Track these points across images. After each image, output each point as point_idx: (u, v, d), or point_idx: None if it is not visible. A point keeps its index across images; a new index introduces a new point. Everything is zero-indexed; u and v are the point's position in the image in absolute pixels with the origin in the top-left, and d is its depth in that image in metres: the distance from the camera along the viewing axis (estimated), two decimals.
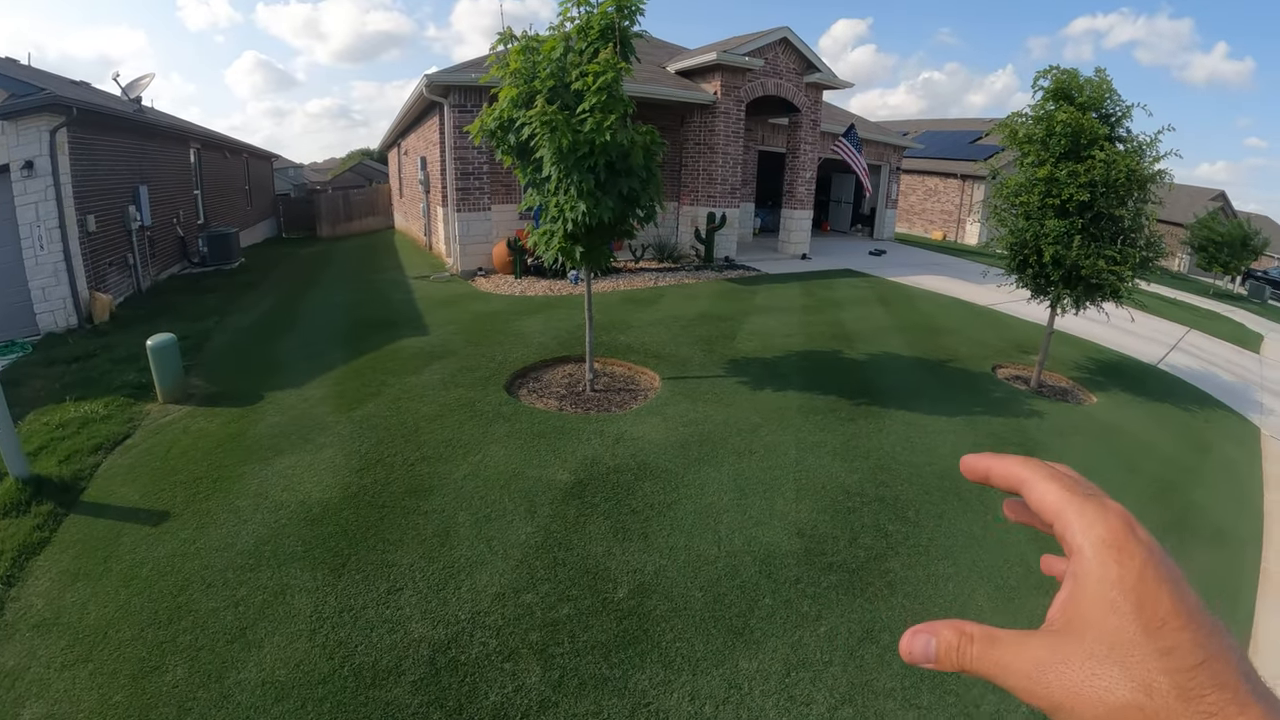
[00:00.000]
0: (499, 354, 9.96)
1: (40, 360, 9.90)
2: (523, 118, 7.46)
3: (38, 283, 11.62)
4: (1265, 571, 7.14)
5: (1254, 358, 19.21)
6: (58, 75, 18.81)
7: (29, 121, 11.30)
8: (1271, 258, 53.62)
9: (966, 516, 6.69)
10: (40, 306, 11.67)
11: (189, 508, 5.87)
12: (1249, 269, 42.18)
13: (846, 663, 4.57)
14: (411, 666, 4.19)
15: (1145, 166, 10.03)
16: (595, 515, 5.92)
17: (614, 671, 4.26)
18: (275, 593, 4.80)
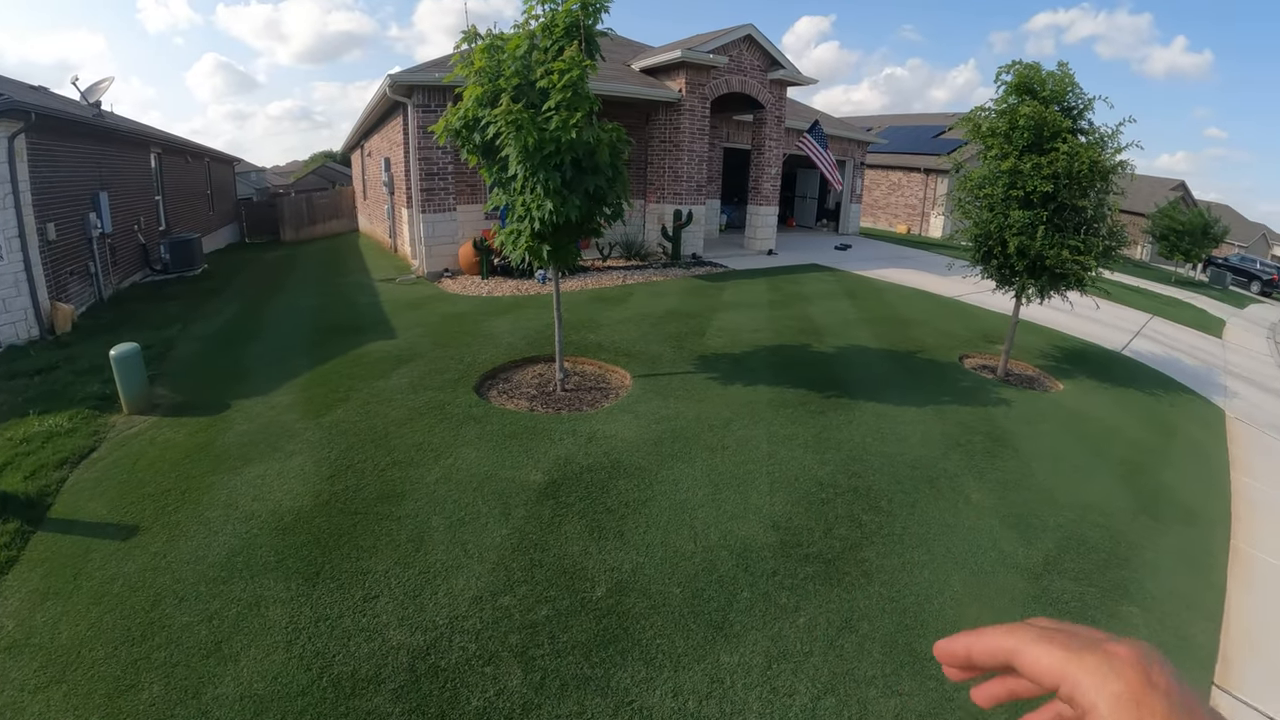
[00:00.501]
0: (468, 356, 9.90)
1: (1, 374, 9.73)
2: (488, 116, 7.43)
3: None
4: (1235, 549, 7.35)
5: (1216, 342, 19.61)
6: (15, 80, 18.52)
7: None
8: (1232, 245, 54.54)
9: (939, 504, 6.82)
10: (1, 319, 11.45)
11: (158, 520, 5.77)
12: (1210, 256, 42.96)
13: (827, 652, 4.62)
14: (391, 674, 4.15)
15: (1107, 158, 10.22)
16: (570, 515, 5.91)
17: (595, 671, 4.25)
18: (249, 605, 4.74)
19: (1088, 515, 7.16)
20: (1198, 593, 6.30)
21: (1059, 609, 5.55)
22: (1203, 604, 6.14)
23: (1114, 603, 5.80)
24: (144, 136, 20.37)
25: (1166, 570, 6.48)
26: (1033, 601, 5.57)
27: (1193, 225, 35.85)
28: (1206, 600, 6.21)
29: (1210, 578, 6.59)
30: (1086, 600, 5.75)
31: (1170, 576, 6.40)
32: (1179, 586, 6.29)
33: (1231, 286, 41.84)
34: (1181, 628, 5.72)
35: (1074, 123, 10.63)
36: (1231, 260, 46.64)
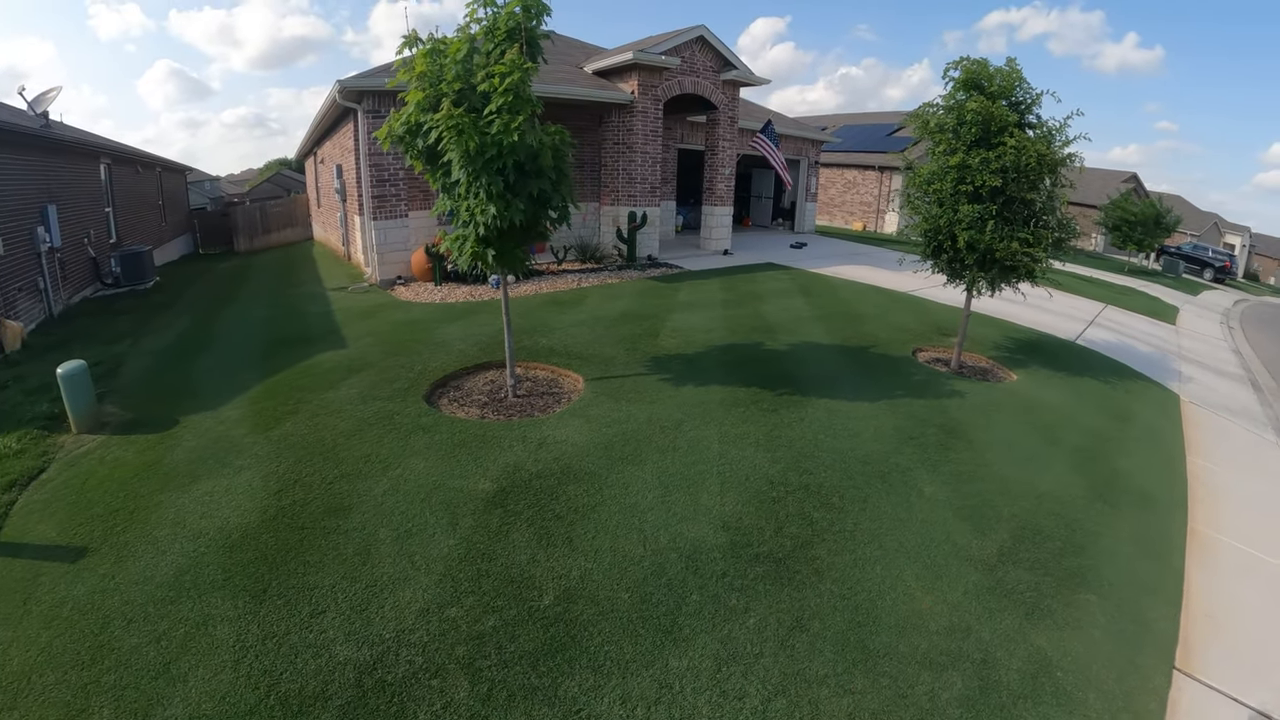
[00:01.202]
0: (418, 364, 9.84)
1: None
2: (430, 121, 7.41)
3: None
4: (1193, 532, 7.50)
5: (1170, 329, 20.03)
6: None
7: None
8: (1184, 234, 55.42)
9: (890, 499, 6.86)
10: None
11: (107, 541, 5.69)
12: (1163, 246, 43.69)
13: (778, 653, 4.64)
14: (338, 690, 4.13)
15: (1056, 151, 10.38)
16: (518, 523, 5.89)
17: (543, 680, 4.25)
18: (197, 624, 4.69)
19: (1043, 504, 7.23)
20: (1156, 577, 6.37)
21: (1014, 600, 5.58)
22: (1162, 588, 6.21)
23: (1070, 591, 5.85)
24: (93, 147, 20.07)
25: (1124, 556, 6.57)
26: (987, 594, 5.60)
27: (1145, 215, 36.39)
28: (1166, 584, 6.29)
29: (1169, 562, 6.68)
30: (1042, 590, 5.79)
31: (1128, 562, 6.49)
32: (1137, 572, 6.38)
33: (1185, 274, 42.96)
34: (1141, 613, 5.77)
35: (1021, 117, 10.78)
36: (1184, 249, 47.59)
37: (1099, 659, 5.14)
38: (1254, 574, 7.04)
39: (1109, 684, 4.90)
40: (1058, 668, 4.95)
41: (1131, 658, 5.22)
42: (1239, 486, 9.19)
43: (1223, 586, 6.61)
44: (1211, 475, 9.25)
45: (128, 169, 23.62)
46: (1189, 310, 25.90)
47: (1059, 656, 5.07)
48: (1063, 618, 5.51)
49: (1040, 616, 5.48)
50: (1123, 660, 5.17)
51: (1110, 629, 5.50)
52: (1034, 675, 4.84)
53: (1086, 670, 5.00)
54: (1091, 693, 4.77)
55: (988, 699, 4.52)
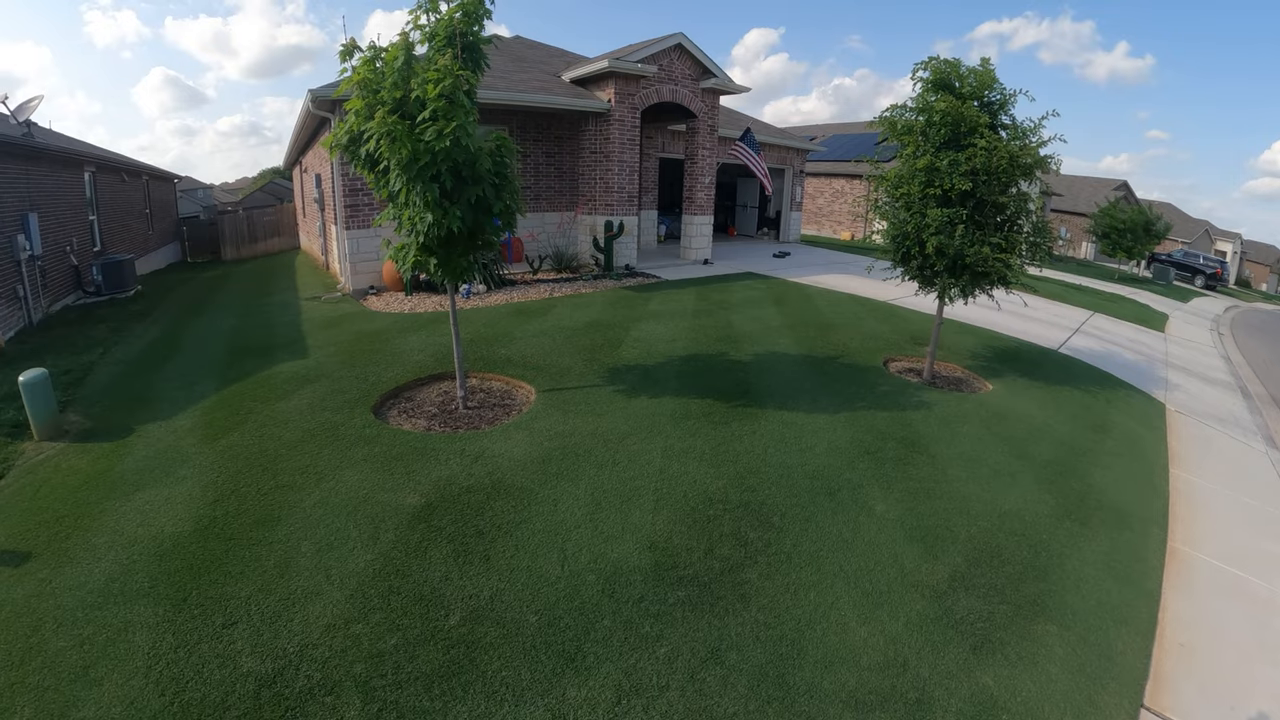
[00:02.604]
0: (373, 374, 9.84)
1: None
2: (368, 129, 7.43)
3: None
4: (1173, 551, 7.29)
5: (1159, 336, 20.00)
6: None
7: None
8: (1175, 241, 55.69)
9: (837, 518, 6.69)
10: None
11: (50, 547, 5.73)
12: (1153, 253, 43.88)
13: (685, 686, 4.50)
14: (237, 701, 4.12)
15: (1028, 152, 10.21)
16: (439, 539, 5.85)
17: (434, 704, 4.20)
18: (119, 630, 4.73)
19: (1004, 524, 7.02)
20: (1128, 603, 6.14)
21: (961, 632, 5.32)
22: (1133, 616, 5.98)
23: (1027, 621, 5.59)
24: (78, 155, 20.12)
25: (1092, 581, 6.33)
26: (932, 624, 5.36)
27: (1134, 223, 36.74)
28: (1138, 611, 6.07)
29: (1143, 585, 6.48)
30: (994, 620, 5.53)
31: (1096, 587, 6.25)
32: (1106, 598, 6.14)
33: (1175, 281, 43.09)
34: (1107, 645, 5.53)
35: (994, 118, 10.68)
36: (1175, 256, 48.06)
37: (1053, 699, 4.86)
38: (1236, 597, 6.82)
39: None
40: (1004, 710, 4.67)
41: (1091, 696, 4.96)
42: (1223, 500, 9.04)
43: (1201, 612, 6.40)
44: (1194, 488, 9.08)
45: (113, 177, 23.68)
46: (1179, 317, 25.87)
47: (1006, 697, 4.78)
48: (1015, 652, 5.24)
49: (990, 651, 5.20)
50: (1081, 699, 4.90)
51: (1070, 664, 5.22)
52: (974, 719, 4.59)
53: (1037, 713, 4.71)
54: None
55: None
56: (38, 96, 17.51)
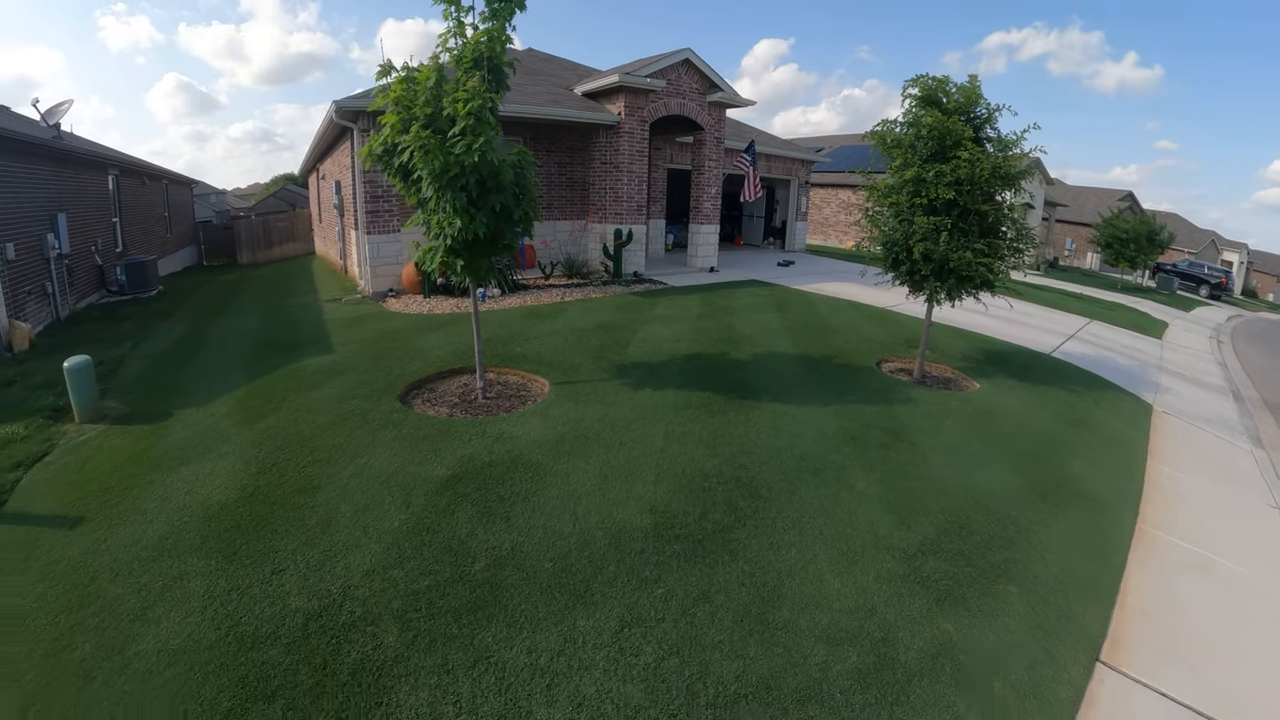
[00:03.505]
0: (396, 368, 10.44)
1: None
2: (403, 142, 8.09)
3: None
4: (1141, 533, 7.65)
5: (1155, 342, 20.23)
6: None
7: None
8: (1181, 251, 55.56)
9: (819, 492, 7.28)
10: None
11: (100, 512, 6.31)
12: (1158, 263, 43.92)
13: (679, 620, 5.14)
14: (286, 632, 4.74)
15: (1011, 163, 10.81)
16: (464, 503, 6.49)
17: (463, 631, 4.84)
18: (174, 578, 5.32)
19: (976, 501, 7.49)
20: (1090, 574, 6.55)
21: (927, 587, 5.84)
22: (1094, 584, 6.40)
23: (990, 581, 6.06)
24: (102, 158, 20.77)
25: (1057, 553, 6.74)
26: (900, 580, 5.90)
27: (1137, 232, 36.76)
28: (1100, 581, 6.49)
29: (1109, 560, 6.88)
30: (959, 579, 6.02)
31: (1061, 559, 6.66)
32: (1069, 568, 6.55)
33: (1179, 291, 43.10)
34: (1066, 606, 5.93)
35: (977, 132, 11.24)
36: (1180, 266, 47.85)
37: (1010, 648, 5.31)
38: (1203, 575, 7.10)
39: (1018, 672, 5.08)
40: (962, 652, 5.15)
41: (1048, 648, 5.37)
42: (1201, 491, 9.34)
43: (1165, 585, 6.72)
44: (1173, 480, 9.37)
45: (135, 180, 24.35)
46: (1178, 325, 26.03)
47: (965, 642, 5.26)
48: (977, 606, 5.72)
49: (952, 604, 5.69)
50: (1037, 650, 5.33)
51: (1028, 620, 5.67)
52: (935, 657, 5.06)
53: (994, 657, 5.17)
54: (996, 679, 4.97)
55: (881, 674, 4.85)
56: (67, 101, 18.21)
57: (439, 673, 4.46)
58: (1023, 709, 4.74)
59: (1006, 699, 4.80)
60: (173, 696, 4.21)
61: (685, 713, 4.28)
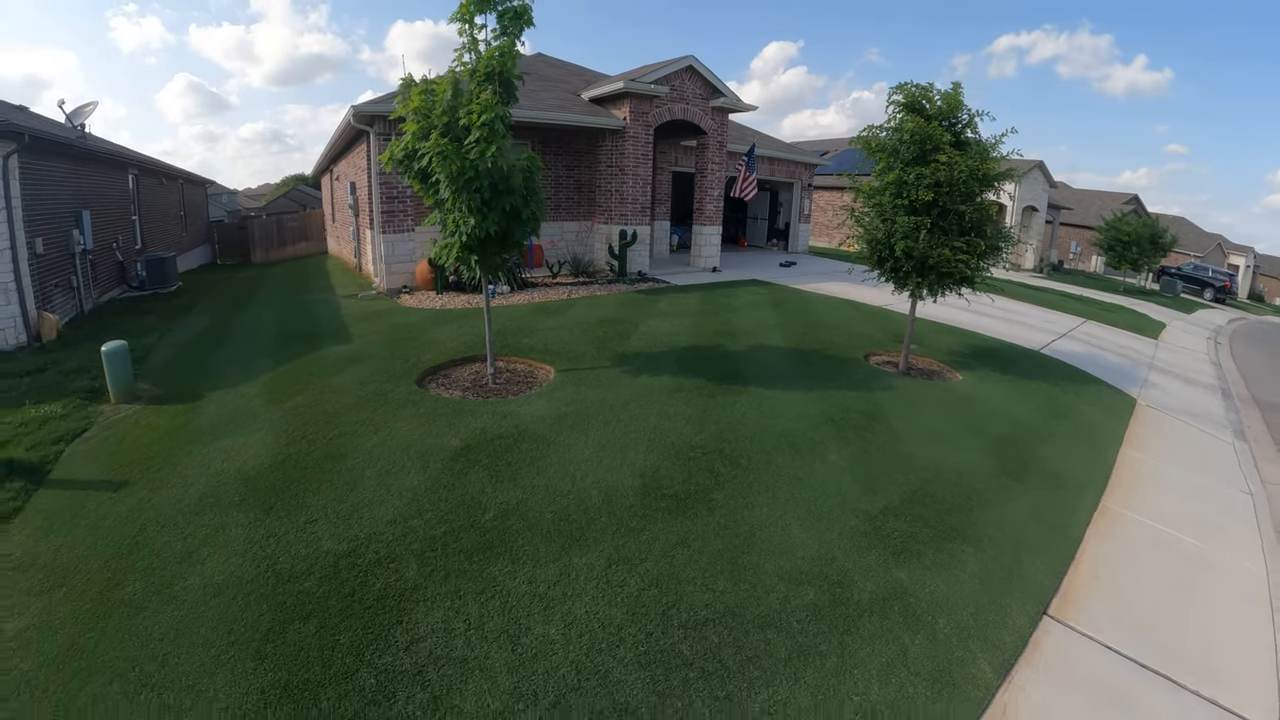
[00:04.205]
0: (413, 356, 11.18)
1: None
2: (422, 148, 8.85)
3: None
4: (1104, 509, 8.09)
5: (1150, 342, 20.54)
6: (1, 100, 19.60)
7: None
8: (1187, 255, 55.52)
9: (795, 463, 7.96)
10: None
11: (144, 478, 7.05)
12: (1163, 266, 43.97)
13: (659, 560, 5.88)
14: (319, 568, 5.49)
15: (990, 165, 11.46)
16: (476, 467, 7.24)
17: (473, 566, 5.58)
18: (216, 528, 6.06)
19: (942, 476, 8.05)
20: (1046, 541, 7.04)
21: (885, 542, 6.48)
22: (1048, 550, 6.89)
23: (946, 541, 6.64)
24: (123, 158, 21.52)
25: (1015, 522, 7.27)
26: (861, 536, 6.54)
27: (1139, 235, 36.80)
28: (1054, 547, 6.99)
29: (1066, 531, 7.37)
30: (917, 537, 6.63)
31: (1017, 527, 7.19)
32: (1025, 535, 7.06)
33: (1183, 294, 43.18)
34: (1018, 567, 6.45)
35: (957, 137, 11.86)
36: (1184, 269, 47.84)
37: (959, 596, 5.86)
38: (1162, 548, 7.50)
39: (963, 615, 5.60)
40: (912, 596, 5.73)
41: (996, 599, 5.90)
42: (1171, 476, 9.73)
43: (1122, 556, 7.13)
44: (1144, 465, 9.74)
45: (153, 180, 25.12)
46: (1177, 326, 26.26)
47: (916, 588, 5.84)
48: (931, 560, 6.29)
49: (908, 557, 6.29)
50: (985, 600, 5.86)
51: (979, 575, 6.20)
52: (886, 598, 5.66)
53: (942, 602, 5.73)
54: (942, 619, 5.51)
55: (835, 609, 5.46)
56: (92, 102, 19.08)
57: (451, 598, 5.20)
58: (966, 646, 5.28)
59: (950, 637, 5.34)
60: (218, 620, 4.93)
61: (660, 631, 5.01)
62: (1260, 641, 6.17)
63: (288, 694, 4.24)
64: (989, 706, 4.84)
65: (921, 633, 5.35)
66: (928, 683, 4.89)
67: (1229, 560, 7.58)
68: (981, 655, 5.25)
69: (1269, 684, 5.60)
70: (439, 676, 4.43)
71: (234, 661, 4.52)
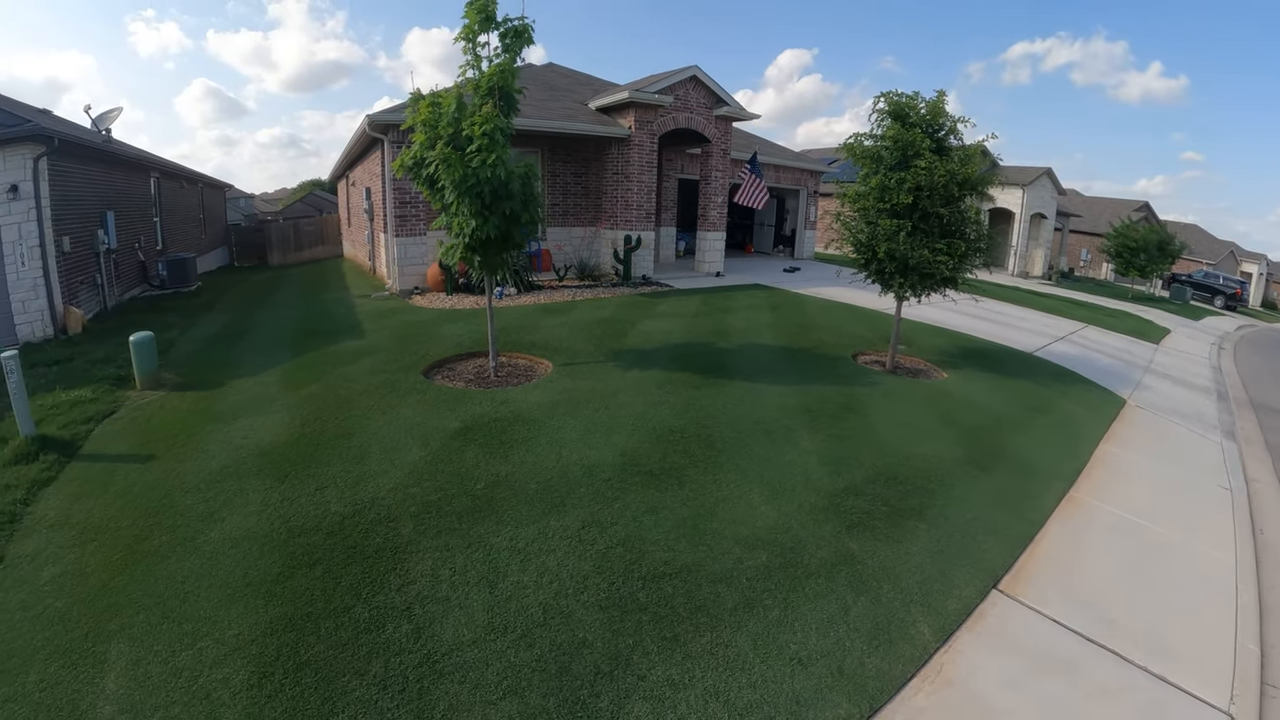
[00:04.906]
0: (421, 350, 11.90)
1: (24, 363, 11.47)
2: (429, 157, 9.60)
3: (18, 296, 13.17)
4: (1072, 498, 8.32)
5: (1150, 346, 20.69)
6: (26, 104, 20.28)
7: (15, 150, 12.85)
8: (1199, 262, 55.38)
9: (767, 447, 8.55)
10: (20, 318, 13.24)
11: (169, 452, 7.79)
12: (1173, 273, 43.85)
13: (629, 524, 6.52)
14: (327, 525, 6.23)
15: (970, 170, 11.97)
16: (472, 445, 7.95)
17: (462, 525, 6.29)
18: (235, 493, 6.80)
19: (909, 461, 8.47)
20: (1005, 523, 7.33)
21: (842, 516, 6.97)
22: (1007, 531, 7.18)
23: (902, 518, 7.05)
24: (145, 162, 22.43)
25: (974, 505, 7.61)
26: (820, 511, 7.05)
27: (1147, 241, 37.05)
28: (1014, 530, 7.26)
29: (1027, 516, 7.64)
30: (873, 514, 7.07)
31: (976, 509, 7.52)
32: (983, 517, 7.38)
33: (1193, 301, 43.01)
34: (971, 545, 6.78)
35: (939, 144, 12.36)
36: (1195, 276, 47.81)
37: (906, 566, 6.24)
38: (1126, 536, 7.64)
39: (909, 584, 5.97)
40: (860, 564, 6.16)
41: (944, 571, 6.24)
42: (1149, 471, 9.88)
43: (1083, 540, 7.33)
44: (1120, 460, 9.90)
45: (173, 183, 25.96)
46: (1182, 332, 26.30)
47: (866, 557, 6.26)
48: (884, 534, 6.70)
49: (861, 530, 6.74)
50: (933, 571, 6.21)
51: (930, 549, 6.57)
52: (834, 564, 6.11)
53: (889, 570, 6.12)
54: (887, 585, 5.90)
55: (784, 571, 5.96)
56: (117, 108, 19.93)
57: (441, 550, 5.91)
58: (908, 611, 5.67)
59: (893, 601, 5.74)
60: (235, 566, 5.65)
61: (623, 582, 5.66)
62: (1220, 623, 6.33)
63: (291, 625, 4.94)
64: (925, 665, 5.15)
65: (865, 596, 5.76)
66: (866, 639, 5.26)
67: (1196, 548, 7.77)
68: (922, 619, 5.59)
69: (1222, 663, 5.73)
70: (424, 612, 5.11)
71: (247, 599, 5.22)
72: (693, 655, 4.91)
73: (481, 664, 4.60)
